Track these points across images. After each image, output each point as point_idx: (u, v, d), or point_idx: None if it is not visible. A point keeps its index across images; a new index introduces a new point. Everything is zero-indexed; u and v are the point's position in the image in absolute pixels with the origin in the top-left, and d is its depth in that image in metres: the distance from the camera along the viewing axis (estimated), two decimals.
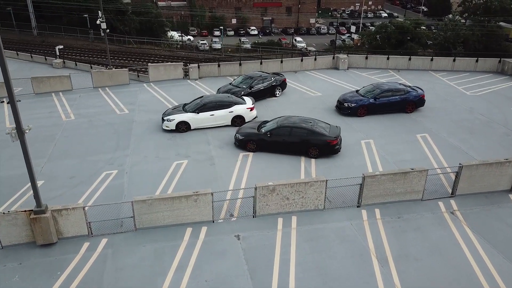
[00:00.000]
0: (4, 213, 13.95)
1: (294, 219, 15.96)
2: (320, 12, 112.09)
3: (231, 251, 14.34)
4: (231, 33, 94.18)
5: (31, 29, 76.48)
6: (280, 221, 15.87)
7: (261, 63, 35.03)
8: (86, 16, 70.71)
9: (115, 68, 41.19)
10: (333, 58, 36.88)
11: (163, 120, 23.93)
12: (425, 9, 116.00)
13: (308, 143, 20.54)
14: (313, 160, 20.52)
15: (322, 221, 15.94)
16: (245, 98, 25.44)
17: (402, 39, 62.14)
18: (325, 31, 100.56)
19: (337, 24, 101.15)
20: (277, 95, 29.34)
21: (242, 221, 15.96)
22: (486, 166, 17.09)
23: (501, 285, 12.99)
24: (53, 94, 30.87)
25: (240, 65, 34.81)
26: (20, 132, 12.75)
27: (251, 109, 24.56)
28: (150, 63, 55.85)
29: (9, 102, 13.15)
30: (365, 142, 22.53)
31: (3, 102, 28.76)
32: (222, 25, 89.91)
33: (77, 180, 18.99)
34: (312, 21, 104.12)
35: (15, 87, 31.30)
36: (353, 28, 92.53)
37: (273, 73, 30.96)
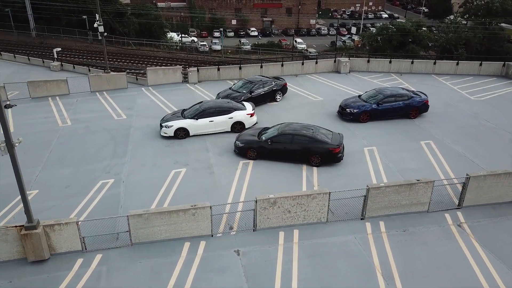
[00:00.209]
0: None
1: (296, 233, 15.41)
2: (320, 13, 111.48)
3: (230, 268, 13.80)
4: (231, 34, 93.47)
5: (30, 30, 75.93)
6: (281, 235, 15.32)
7: (262, 67, 34.48)
8: (85, 17, 70.15)
9: (113, 70, 40.70)
10: (335, 61, 36.30)
11: (161, 126, 23.40)
12: (426, 10, 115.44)
13: (310, 151, 20.01)
14: (315, 168, 19.98)
15: (325, 234, 15.39)
16: (245, 103, 24.90)
17: (403, 41, 61.48)
18: (326, 32, 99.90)
19: (338, 25, 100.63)
20: (278, 100, 28.79)
21: (242, 235, 15.40)
22: (494, 177, 16.56)
23: None
24: (49, 98, 30.30)
25: (240, 68, 34.26)
26: (9, 145, 12.19)
27: (251, 115, 24.03)
28: (149, 65, 55.64)
29: None
30: (368, 149, 21.99)
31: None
32: (222, 26, 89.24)
33: (73, 189, 18.44)
34: (312, 22, 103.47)
35: (12, 90, 31.02)
36: (354, 29, 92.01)
37: (274, 77, 30.40)
